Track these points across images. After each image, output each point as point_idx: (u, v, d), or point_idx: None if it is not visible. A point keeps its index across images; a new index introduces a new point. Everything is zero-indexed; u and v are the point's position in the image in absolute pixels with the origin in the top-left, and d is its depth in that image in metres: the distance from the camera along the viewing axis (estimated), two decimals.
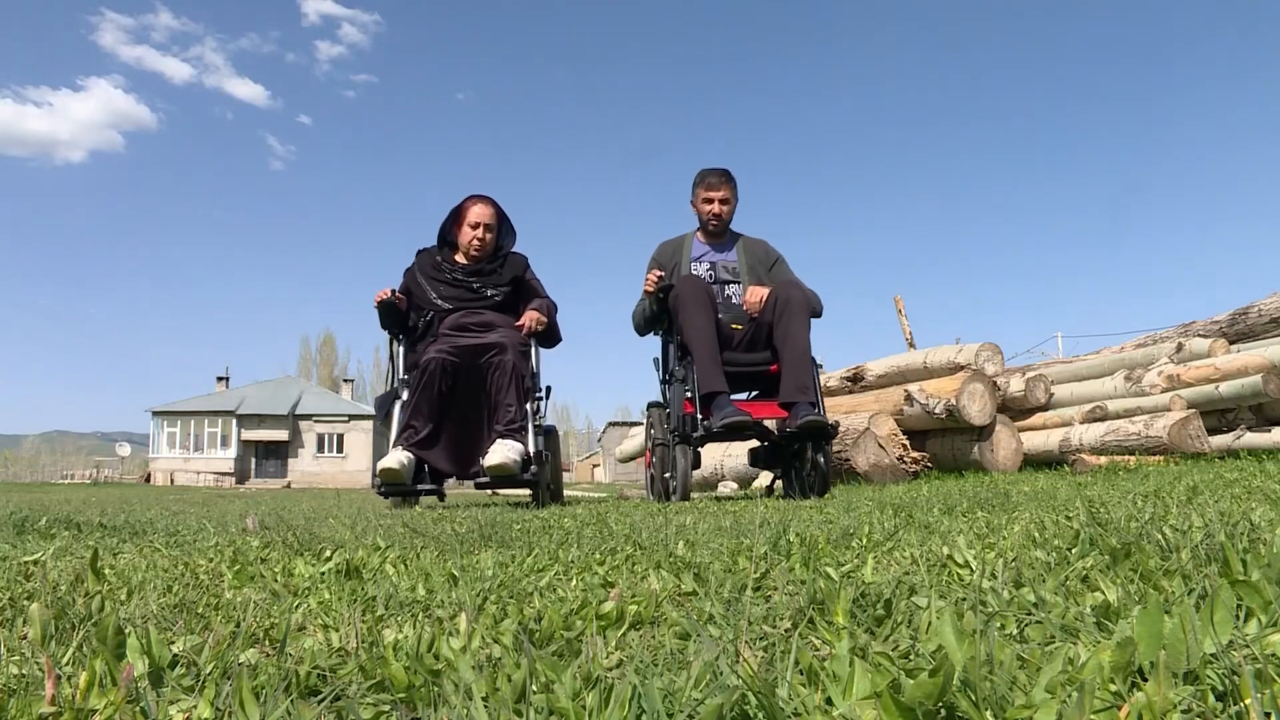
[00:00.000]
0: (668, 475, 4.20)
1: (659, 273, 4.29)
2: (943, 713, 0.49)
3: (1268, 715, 0.46)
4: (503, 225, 4.48)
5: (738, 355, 4.18)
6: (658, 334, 4.66)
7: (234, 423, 46.32)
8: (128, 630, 0.73)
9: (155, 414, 47.54)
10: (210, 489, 24.58)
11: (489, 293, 4.33)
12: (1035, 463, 6.01)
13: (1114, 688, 0.52)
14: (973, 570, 1.02)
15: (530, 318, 4.24)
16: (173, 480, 42.63)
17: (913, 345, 9.63)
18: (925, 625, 0.73)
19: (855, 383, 7.32)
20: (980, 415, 5.76)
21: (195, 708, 0.59)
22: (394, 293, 4.22)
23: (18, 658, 0.74)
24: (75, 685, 0.61)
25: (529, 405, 4.07)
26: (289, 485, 38.35)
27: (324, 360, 71.41)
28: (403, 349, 4.34)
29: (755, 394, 4.40)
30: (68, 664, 0.72)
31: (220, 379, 50.85)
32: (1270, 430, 5.11)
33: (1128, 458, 5.09)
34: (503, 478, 3.86)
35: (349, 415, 47.11)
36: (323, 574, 1.24)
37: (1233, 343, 5.96)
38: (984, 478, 5.04)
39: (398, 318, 4.29)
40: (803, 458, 4.16)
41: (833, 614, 0.80)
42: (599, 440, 41.11)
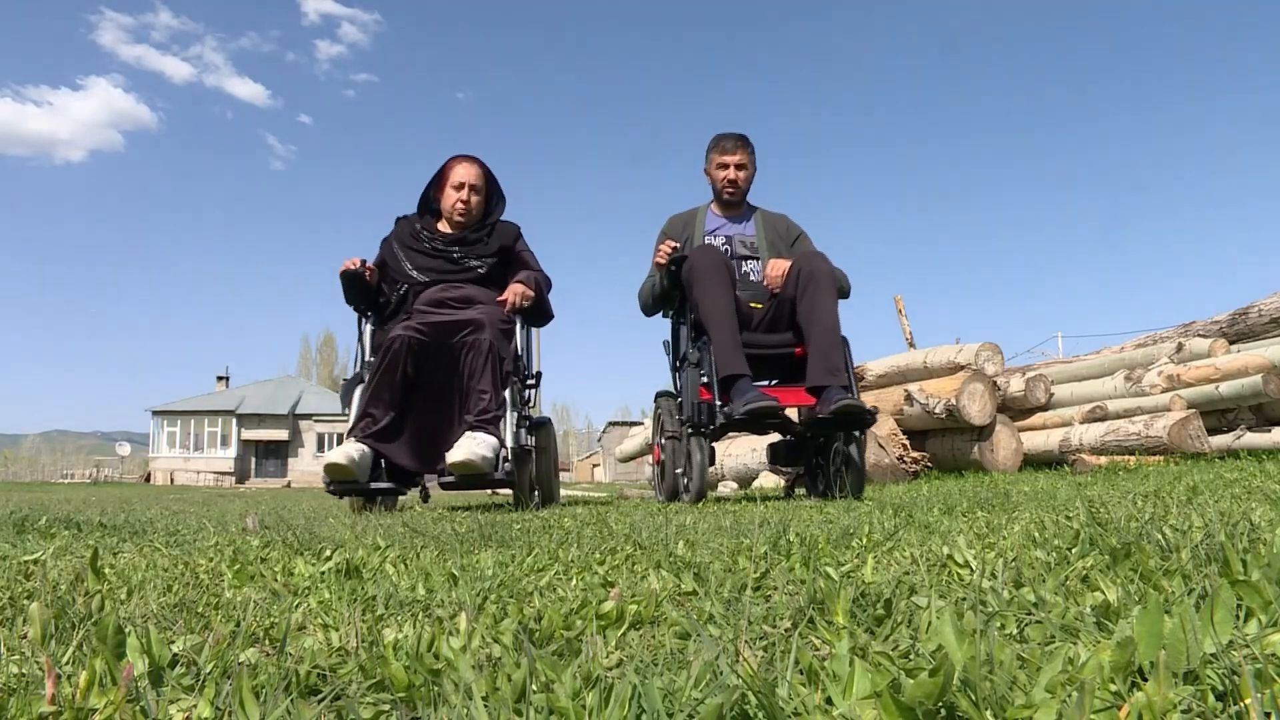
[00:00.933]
0: (679, 471, 3.73)
1: (673, 243, 3.77)
2: (943, 712, 0.49)
3: (1268, 715, 0.46)
4: (491, 189, 3.95)
5: (758, 336, 3.67)
6: (667, 315, 4.22)
7: (234, 422, 46.30)
8: (128, 629, 0.73)
9: (155, 413, 47.55)
10: (210, 489, 24.58)
11: (471, 264, 3.81)
12: (1035, 463, 6.01)
13: (1114, 688, 0.52)
14: (973, 570, 1.02)
15: (514, 292, 3.71)
16: (173, 480, 42.64)
17: (913, 345, 9.63)
18: (925, 625, 0.73)
19: (855, 382, 7.32)
20: (980, 415, 5.76)
21: (195, 707, 0.59)
22: (363, 263, 3.70)
23: (18, 657, 0.74)
24: (75, 684, 0.61)
25: (509, 392, 3.51)
26: (289, 485, 38.33)
27: (324, 360, 71.36)
28: (370, 327, 3.81)
29: (776, 380, 3.89)
30: (68, 663, 0.72)
31: (220, 379, 50.85)
32: (1270, 430, 5.11)
33: (1128, 458, 5.09)
34: (470, 477, 3.28)
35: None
36: (323, 573, 1.24)
37: (1233, 343, 5.96)
38: (984, 478, 5.04)
39: (363, 291, 3.75)
40: (829, 452, 3.72)
41: (833, 614, 0.80)
42: (599, 440, 41.11)
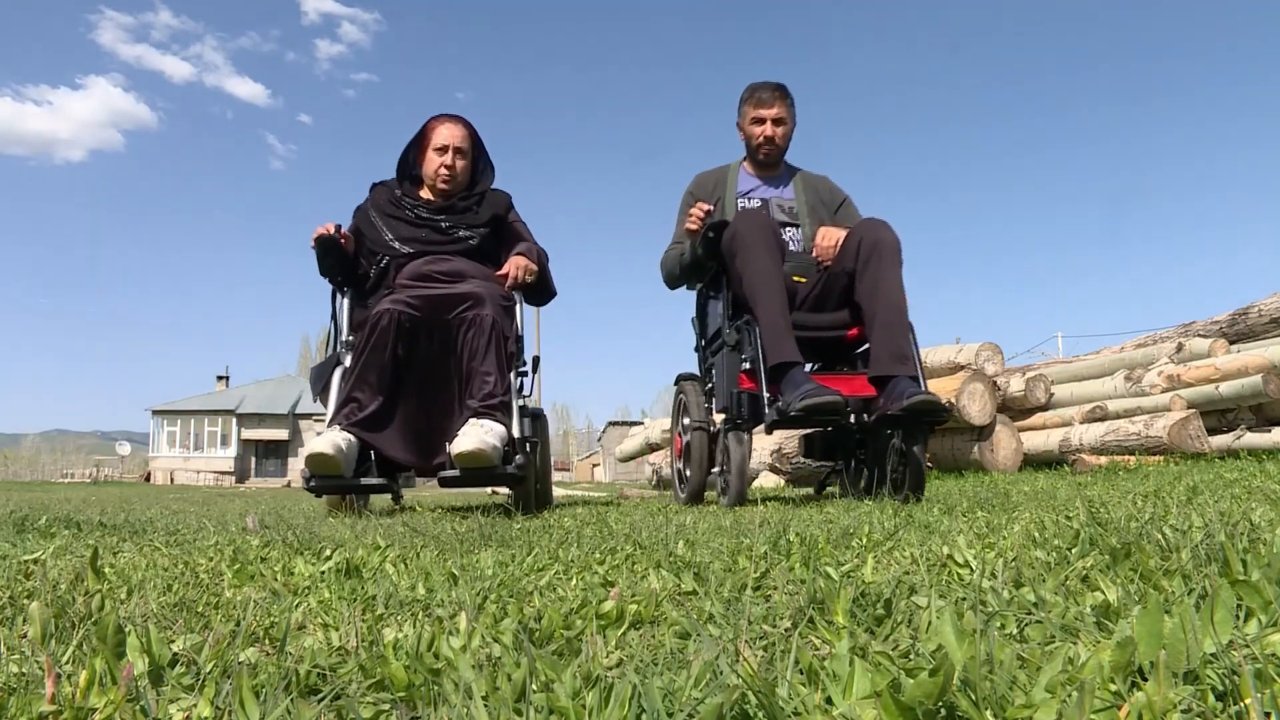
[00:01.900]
0: (716, 471, 3.25)
1: (705, 206, 3.26)
2: (943, 712, 0.49)
3: (1268, 715, 0.46)
4: (478, 152, 3.51)
5: (803, 316, 3.13)
6: (692, 288, 3.73)
7: (234, 422, 46.30)
8: (128, 629, 0.73)
9: (155, 413, 47.55)
10: (210, 488, 24.57)
11: (461, 234, 3.35)
12: (1035, 463, 6.01)
13: (1114, 687, 0.52)
14: (973, 570, 1.02)
15: (516, 265, 3.27)
16: (172, 479, 42.64)
17: None
18: (925, 625, 0.73)
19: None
20: (980, 415, 5.76)
21: (195, 706, 0.59)
22: (338, 229, 3.23)
23: (18, 656, 0.74)
24: (75, 684, 0.61)
25: (513, 376, 3.08)
26: (289, 485, 38.33)
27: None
28: (347, 303, 3.34)
29: (818, 366, 3.34)
30: (68, 663, 0.72)
31: (220, 378, 50.84)
32: (1270, 430, 5.11)
33: (1128, 458, 5.09)
34: (477, 470, 2.83)
35: None
36: (323, 573, 1.24)
37: (1233, 343, 5.96)
38: (984, 477, 5.04)
39: (341, 260, 3.28)
40: (880, 447, 3.23)
41: (833, 613, 0.80)
42: (599, 440, 41.11)
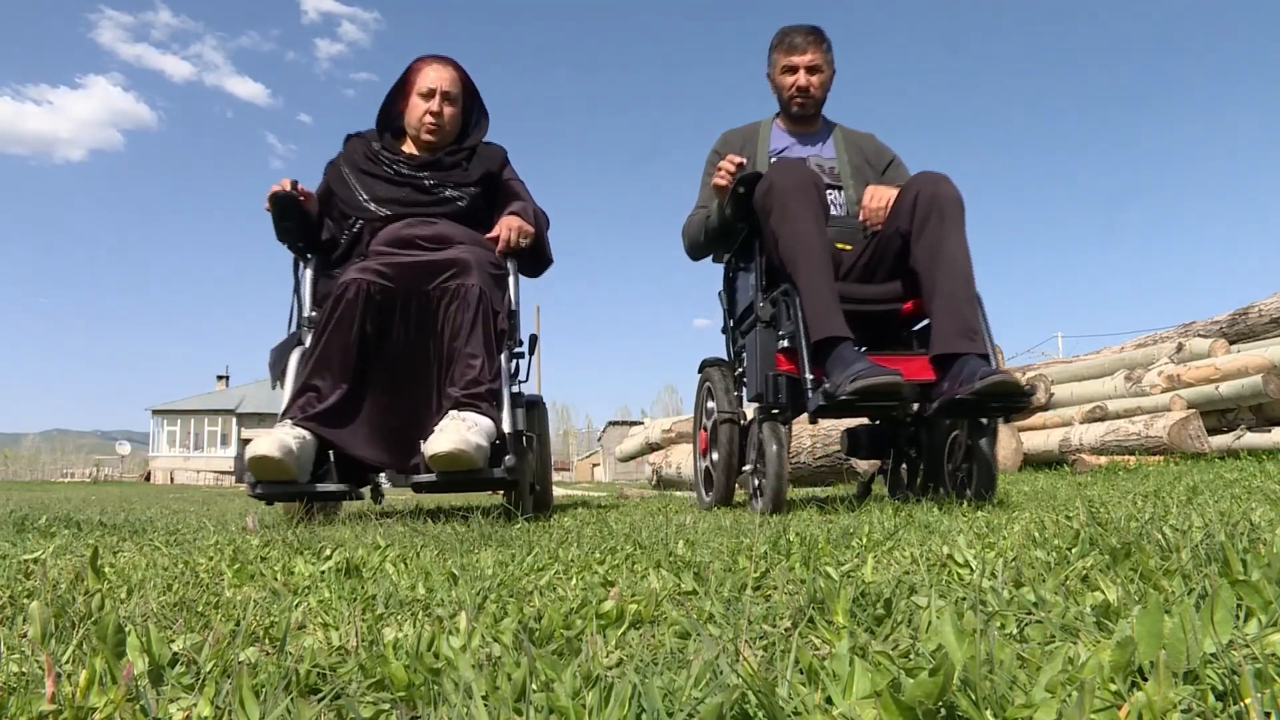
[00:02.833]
0: (748, 469, 2.76)
1: (739, 158, 2.76)
2: (943, 712, 0.49)
3: (1268, 715, 0.46)
4: (470, 100, 3.01)
5: (850, 288, 2.68)
6: (718, 260, 3.26)
7: (234, 421, 46.31)
8: (128, 628, 0.73)
9: (155, 413, 47.56)
10: (210, 488, 24.58)
11: (448, 194, 2.87)
12: (1035, 463, 6.01)
13: (1114, 687, 0.52)
14: (973, 570, 1.02)
15: (509, 227, 2.77)
16: (172, 479, 42.64)
17: None
18: (925, 625, 0.73)
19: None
20: None
21: (195, 706, 0.59)
22: (294, 185, 2.75)
23: (18, 656, 0.74)
24: (75, 683, 0.61)
25: (504, 359, 2.60)
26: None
27: None
28: (310, 273, 2.84)
29: (866, 346, 2.69)
30: (68, 662, 0.72)
31: (220, 378, 50.85)
32: (1270, 430, 5.11)
33: (1128, 458, 5.09)
34: (457, 474, 2.31)
35: None
36: (323, 573, 1.24)
37: (1233, 343, 5.96)
38: None
39: (302, 222, 2.80)
40: (941, 441, 2.76)
41: (833, 613, 0.80)
42: (599, 440, 41.11)
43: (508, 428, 2.49)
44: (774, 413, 2.58)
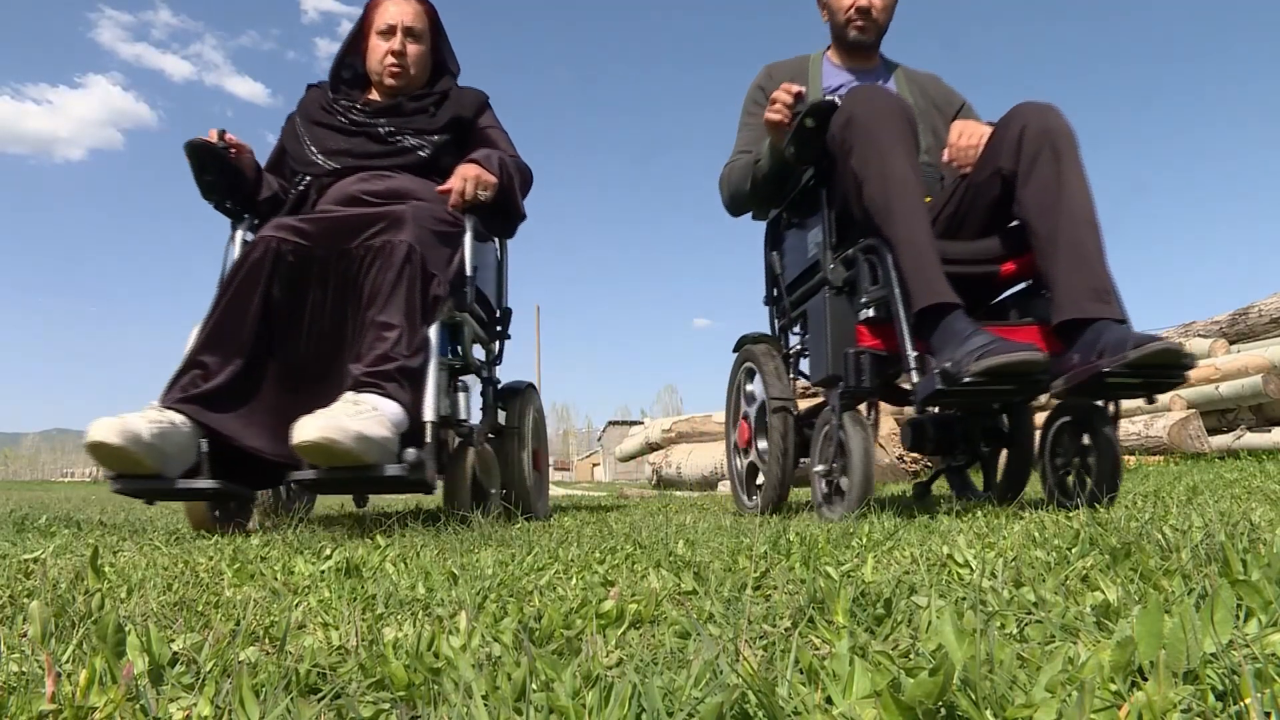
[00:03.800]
0: (820, 469, 2.18)
1: (797, 88, 2.25)
2: (943, 712, 0.50)
3: (1268, 715, 0.46)
4: (439, 39, 2.66)
5: (939, 246, 2.08)
6: (760, 216, 2.76)
7: None
8: (128, 628, 0.73)
9: None
10: None
11: (408, 144, 2.49)
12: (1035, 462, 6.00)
13: (1114, 687, 0.52)
14: (973, 570, 1.02)
15: (464, 175, 2.32)
16: None
17: None
18: (925, 624, 0.73)
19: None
20: None
21: (195, 705, 0.59)
22: (222, 134, 2.36)
23: (18, 655, 0.74)
24: (75, 683, 0.61)
25: (438, 332, 2.12)
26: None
27: None
28: (240, 235, 2.44)
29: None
30: (68, 662, 0.72)
31: None
32: (1270, 430, 5.11)
33: (1128, 458, 5.10)
34: (344, 471, 1.87)
35: None
36: (322, 572, 1.24)
37: (1233, 343, 5.96)
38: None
39: (226, 178, 2.38)
40: (1021, 434, 2.48)
41: (832, 613, 0.80)
42: (599, 440, 41.12)
43: (430, 415, 2.03)
44: (856, 398, 2.15)
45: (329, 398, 1.97)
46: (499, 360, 2.75)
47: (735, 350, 2.86)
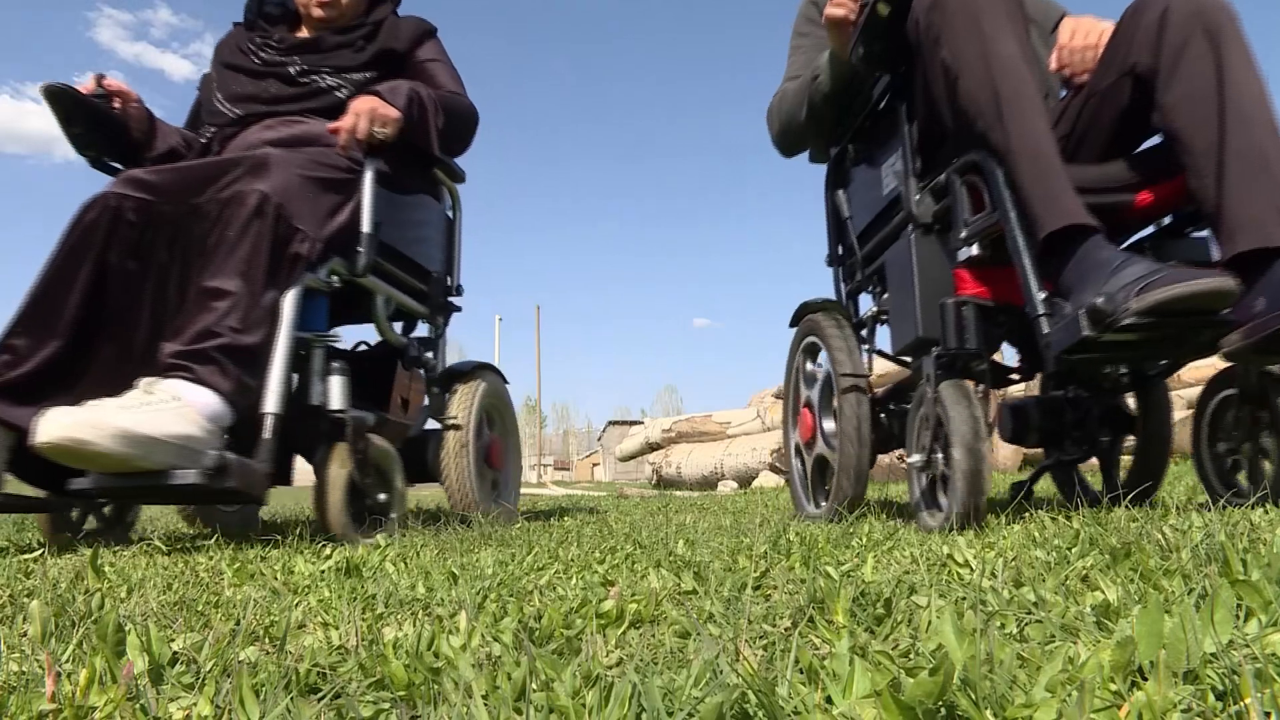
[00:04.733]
0: (918, 459, 1.68)
1: None
2: (943, 711, 0.50)
3: (1268, 715, 0.46)
4: None
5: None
6: (818, 158, 2.34)
7: None
8: (128, 627, 0.73)
9: None
10: None
11: (325, 84, 2.16)
12: (1035, 462, 6.01)
13: (1114, 687, 0.53)
14: (973, 570, 1.02)
15: (356, 111, 1.96)
16: None
17: None
18: (925, 624, 0.73)
19: None
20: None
21: (195, 705, 0.59)
22: (100, 80, 2.06)
23: (18, 655, 0.74)
24: (75, 682, 0.61)
25: (288, 296, 1.74)
26: (291, 483, 38.12)
27: None
28: None
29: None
30: (68, 661, 0.72)
31: None
32: None
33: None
34: (130, 478, 1.55)
35: None
36: (322, 572, 1.24)
37: None
38: None
39: (100, 131, 2.07)
40: (1155, 418, 2.17)
41: (833, 613, 0.80)
42: (599, 439, 41.12)
43: (271, 406, 1.67)
44: (956, 363, 1.65)
45: None
46: (440, 336, 2.40)
47: (793, 323, 2.36)
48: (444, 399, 2.38)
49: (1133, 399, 2.14)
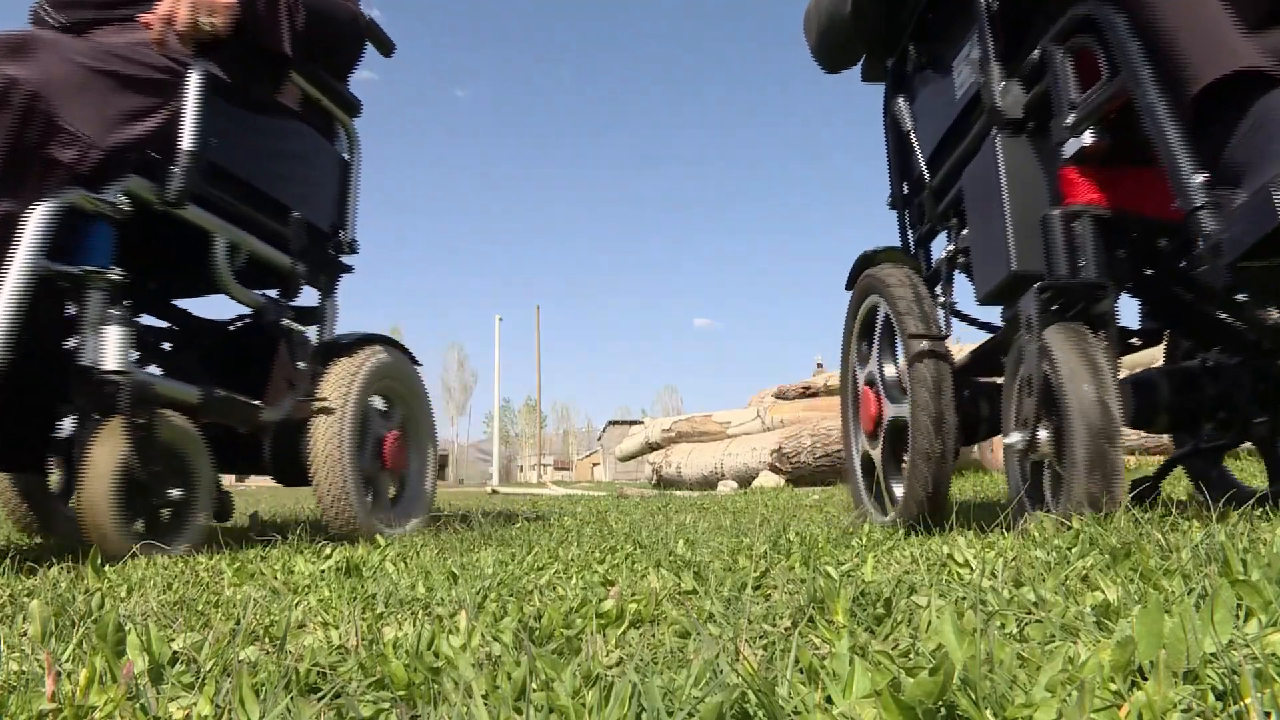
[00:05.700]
0: (1019, 437, 1.27)
1: None
2: (943, 711, 0.50)
3: (1268, 715, 0.46)
4: None
5: None
6: (872, 77, 1.95)
7: None
8: (128, 627, 0.73)
9: None
10: None
11: None
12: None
13: (1114, 687, 0.52)
14: (973, 570, 1.02)
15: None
16: None
17: None
18: (925, 624, 0.73)
19: None
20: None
21: (195, 705, 0.59)
22: None
23: (18, 654, 0.74)
24: (75, 682, 0.61)
25: (34, 215, 1.34)
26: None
27: None
28: None
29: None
30: (68, 661, 0.72)
31: None
32: None
33: (1127, 458, 5.09)
34: None
35: None
36: (322, 572, 1.24)
37: None
38: (984, 477, 5.04)
39: None
40: None
41: (832, 613, 0.80)
42: (599, 439, 41.11)
43: None
44: (1070, 302, 1.22)
45: None
46: (327, 302, 1.94)
47: (849, 284, 1.84)
48: (316, 377, 1.86)
49: None
